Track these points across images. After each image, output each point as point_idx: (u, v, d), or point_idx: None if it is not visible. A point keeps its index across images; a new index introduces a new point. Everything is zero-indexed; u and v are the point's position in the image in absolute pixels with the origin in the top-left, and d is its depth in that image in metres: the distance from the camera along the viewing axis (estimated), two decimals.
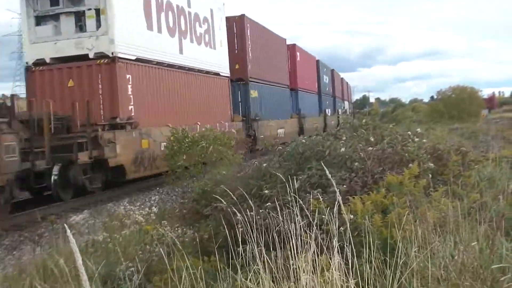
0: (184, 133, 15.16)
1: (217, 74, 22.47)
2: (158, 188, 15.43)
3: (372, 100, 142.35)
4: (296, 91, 35.88)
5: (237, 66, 24.91)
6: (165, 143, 15.94)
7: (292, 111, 34.81)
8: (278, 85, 31.38)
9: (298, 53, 37.33)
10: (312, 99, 41.94)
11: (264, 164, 7.83)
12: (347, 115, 60.49)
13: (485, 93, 76.30)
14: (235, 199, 5.05)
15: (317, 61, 45.78)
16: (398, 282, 3.68)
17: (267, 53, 28.73)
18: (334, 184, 4.07)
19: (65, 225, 2.85)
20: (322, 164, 4.68)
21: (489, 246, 4.39)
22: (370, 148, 7.18)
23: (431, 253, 4.12)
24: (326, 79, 49.50)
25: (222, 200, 5.30)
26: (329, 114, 48.66)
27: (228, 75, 23.62)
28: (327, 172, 4.06)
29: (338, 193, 3.71)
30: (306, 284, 3.47)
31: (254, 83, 26.23)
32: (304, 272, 3.52)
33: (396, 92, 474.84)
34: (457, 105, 45.24)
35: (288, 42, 42.18)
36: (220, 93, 22.70)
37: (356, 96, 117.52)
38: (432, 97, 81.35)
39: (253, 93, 25.82)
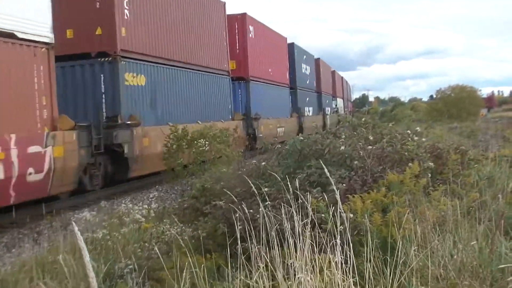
0: (183, 132, 14.94)
1: (9, 34, 10.51)
2: (157, 186, 15.43)
3: (371, 99, 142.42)
4: (247, 81, 25.03)
5: (98, 32, 14.33)
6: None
7: (238, 110, 24.26)
8: (205, 70, 20.26)
9: (251, 28, 25.82)
10: (279, 94, 30.92)
11: (263, 163, 7.82)
12: (340, 115, 51.95)
13: (484, 92, 76.56)
14: (234, 197, 5.04)
15: (290, 45, 34.67)
16: (397, 281, 3.68)
17: (175, 16, 17.93)
18: (333, 183, 4.06)
19: (73, 222, 2.84)
20: (321, 162, 4.68)
21: (488, 245, 4.39)
22: (370, 147, 7.18)
23: (431, 252, 4.12)
24: (306, 69, 39.19)
25: (221, 198, 5.30)
26: (310, 114, 39.28)
27: (49, 40, 11.59)
28: (326, 170, 4.05)
29: (337, 192, 3.71)
30: (303, 282, 3.46)
31: (135, 62, 15.26)
32: (303, 270, 3.52)
33: (396, 90, 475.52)
34: (457, 104, 45.31)
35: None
36: (9, 75, 10.51)
37: (355, 95, 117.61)
38: (431, 96, 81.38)
39: (132, 79, 15.02)
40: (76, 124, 12.33)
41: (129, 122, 14.35)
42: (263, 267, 3.66)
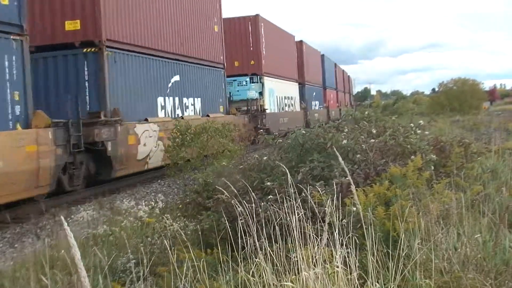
0: (186, 125, 14.77)
1: None
2: (159, 181, 15.42)
3: (373, 92, 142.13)
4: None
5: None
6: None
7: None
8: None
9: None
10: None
11: (265, 158, 7.79)
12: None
13: (487, 85, 76.42)
14: (236, 191, 5.02)
15: None
16: (401, 274, 3.66)
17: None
18: (348, 172, 4.04)
19: (61, 217, 2.78)
20: (333, 151, 4.65)
21: (492, 238, 4.37)
22: (372, 140, 7.15)
23: (434, 245, 4.10)
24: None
25: (224, 192, 5.27)
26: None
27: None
28: (340, 159, 4.02)
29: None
30: (308, 278, 3.44)
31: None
32: (305, 264, 3.49)
33: (398, 84, 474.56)
34: (459, 97, 45.17)
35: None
36: None
37: (357, 89, 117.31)
38: (433, 90, 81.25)
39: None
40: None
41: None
42: (264, 261, 3.63)
